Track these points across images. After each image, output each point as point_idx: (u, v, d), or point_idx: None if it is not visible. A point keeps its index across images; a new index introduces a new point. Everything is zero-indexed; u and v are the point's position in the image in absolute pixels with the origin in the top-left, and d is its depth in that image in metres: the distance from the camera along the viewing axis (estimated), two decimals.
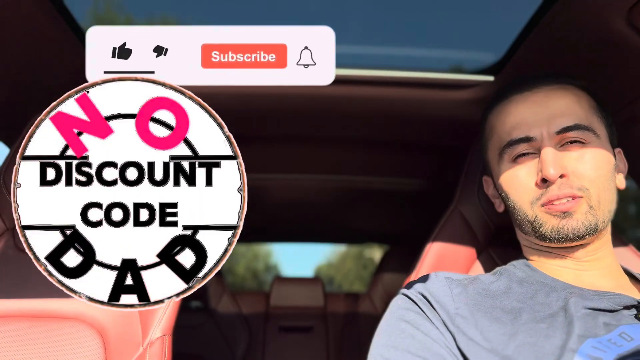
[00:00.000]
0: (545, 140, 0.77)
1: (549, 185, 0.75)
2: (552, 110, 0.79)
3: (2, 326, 0.92)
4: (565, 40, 0.94)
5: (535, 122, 0.79)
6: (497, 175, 0.85)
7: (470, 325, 0.68)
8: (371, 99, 1.25)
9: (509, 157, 0.81)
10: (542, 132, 0.78)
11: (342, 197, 2.06)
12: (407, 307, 0.75)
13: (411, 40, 1.26)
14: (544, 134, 0.78)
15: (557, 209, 0.75)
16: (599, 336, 0.65)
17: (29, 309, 0.95)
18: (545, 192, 0.76)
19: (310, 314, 2.54)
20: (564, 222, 0.74)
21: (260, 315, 2.51)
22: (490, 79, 1.18)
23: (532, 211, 0.78)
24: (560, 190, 0.74)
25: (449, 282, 0.76)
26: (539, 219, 0.77)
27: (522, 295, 0.74)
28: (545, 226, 0.76)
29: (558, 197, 0.75)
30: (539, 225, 0.77)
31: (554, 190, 0.75)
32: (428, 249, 1.02)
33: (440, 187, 1.75)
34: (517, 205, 0.80)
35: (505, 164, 0.82)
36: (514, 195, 0.81)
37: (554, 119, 0.78)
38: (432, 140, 1.46)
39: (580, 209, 0.74)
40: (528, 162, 0.79)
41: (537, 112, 0.80)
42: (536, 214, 0.77)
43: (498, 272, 0.82)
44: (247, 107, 1.29)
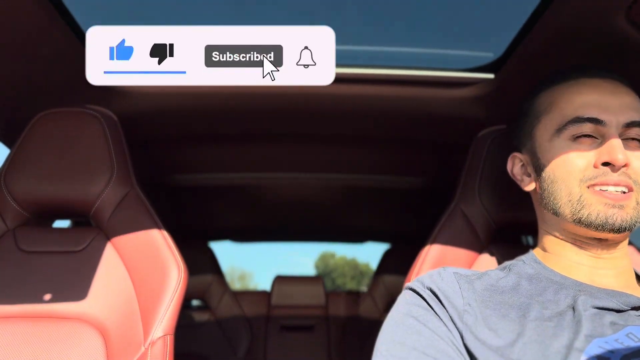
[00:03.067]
0: (613, 127, 0.76)
1: (608, 170, 0.74)
2: (623, 101, 0.78)
3: (4, 326, 0.92)
4: (565, 38, 0.94)
5: (608, 108, 0.77)
6: (546, 150, 0.81)
7: (479, 322, 0.68)
8: (371, 97, 1.25)
9: (568, 134, 0.78)
10: (613, 119, 0.76)
11: (343, 195, 2.07)
12: (415, 303, 0.74)
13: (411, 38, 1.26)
14: (614, 122, 0.76)
15: (611, 197, 0.73)
16: (606, 336, 0.64)
17: (31, 309, 0.95)
18: (602, 175, 0.74)
19: (311, 313, 2.54)
20: (615, 211, 0.73)
21: (262, 314, 2.51)
22: (491, 77, 1.18)
23: (579, 189, 0.75)
24: (620, 178, 0.73)
25: (458, 278, 0.75)
26: (584, 200, 0.75)
27: (531, 292, 0.73)
28: (589, 209, 0.74)
29: (616, 183, 0.73)
30: (581, 206, 0.75)
31: (612, 176, 0.73)
32: (429, 247, 1.02)
33: (441, 184, 1.75)
34: (563, 182, 0.77)
35: (562, 141, 0.79)
36: (562, 172, 0.78)
37: (625, 110, 0.77)
38: (432, 138, 1.46)
39: (631, 203, 0.74)
40: (589, 143, 0.77)
41: (610, 99, 0.78)
42: (582, 193, 0.75)
43: (507, 267, 0.81)
44: (248, 106, 1.29)
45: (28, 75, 1.08)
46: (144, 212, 1.05)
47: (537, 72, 1.04)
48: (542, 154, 0.82)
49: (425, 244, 1.03)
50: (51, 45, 1.01)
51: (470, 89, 1.22)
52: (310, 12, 1.19)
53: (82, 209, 1.05)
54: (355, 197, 2.10)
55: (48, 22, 0.94)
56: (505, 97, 1.17)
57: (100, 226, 1.06)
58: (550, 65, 1.02)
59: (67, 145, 1.04)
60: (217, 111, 1.32)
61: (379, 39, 1.28)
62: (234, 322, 2.41)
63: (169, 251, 1.00)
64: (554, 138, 0.80)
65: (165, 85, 1.23)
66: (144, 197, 1.07)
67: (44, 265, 1.00)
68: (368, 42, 1.28)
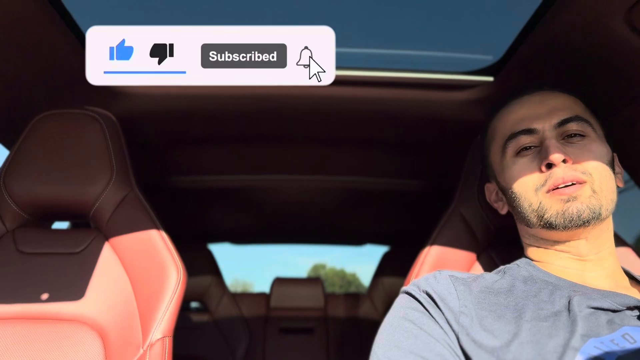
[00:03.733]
0: (547, 132, 0.81)
1: (553, 170, 0.77)
2: (551, 106, 0.84)
3: (3, 327, 0.92)
4: (564, 41, 0.94)
5: (536, 116, 0.83)
6: (500, 172, 0.87)
7: (475, 324, 0.69)
8: (371, 99, 1.25)
9: (511, 152, 0.84)
10: (544, 125, 0.82)
11: (343, 198, 2.06)
12: (411, 306, 0.75)
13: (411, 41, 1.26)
14: (546, 127, 0.82)
15: (563, 192, 0.76)
16: (602, 336, 0.65)
17: (29, 310, 0.95)
18: (550, 177, 0.77)
19: (310, 315, 2.54)
20: (569, 204, 0.75)
21: (261, 316, 2.51)
22: (490, 80, 1.18)
23: (537, 198, 0.79)
24: (565, 173, 0.76)
25: (453, 280, 0.76)
26: (543, 205, 0.78)
27: (526, 293, 0.74)
28: (550, 211, 0.77)
29: (563, 179, 0.76)
30: (543, 211, 0.78)
31: (558, 174, 0.77)
32: (428, 250, 1.02)
33: (440, 187, 1.75)
34: (521, 195, 0.81)
35: (508, 159, 0.85)
36: (518, 187, 0.82)
37: (553, 112, 0.83)
38: (431, 140, 1.46)
39: (585, 193, 0.76)
40: (530, 154, 0.82)
41: (537, 108, 0.85)
42: (540, 200, 0.78)
43: (501, 270, 0.83)
44: (247, 108, 1.29)
45: (27, 77, 1.08)
46: (143, 214, 1.05)
47: (536, 75, 1.05)
48: (500, 177, 0.88)
49: (424, 247, 1.03)
50: (51, 46, 1.01)
51: (470, 92, 1.22)
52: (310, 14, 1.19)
53: (81, 210, 1.05)
54: (355, 200, 2.10)
55: (47, 23, 0.94)
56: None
57: (100, 228, 1.06)
58: (550, 68, 1.02)
59: (66, 147, 1.04)
60: (217, 113, 1.32)
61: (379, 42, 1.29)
62: (232, 324, 2.41)
63: (168, 253, 1.00)
64: (502, 158, 0.86)
65: (164, 87, 1.24)
66: (143, 199, 1.07)
67: (42, 267, 0.99)
68: (368, 45, 1.28)
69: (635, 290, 0.79)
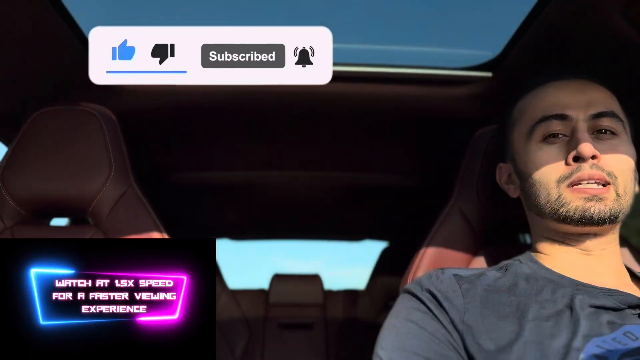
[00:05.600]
0: (580, 121, 0.78)
1: (580, 164, 0.75)
2: (589, 97, 0.80)
3: None
4: (563, 36, 0.94)
5: (572, 104, 0.79)
6: (522, 155, 0.83)
7: (479, 324, 0.68)
8: (369, 95, 1.25)
9: (538, 135, 0.80)
10: (579, 114, 0.78)
11: (340, 193, 2.06)
12: (413, 306, 0.74)
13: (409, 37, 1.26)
14: (580, 116, 0.78)
15: (587, 191, 0.74)
16: (604, 335, 0.64)
17: None
18: (576, 171, 0.75)
19: (309, 311, 2.54)
20: (592, 204, 0.73)
21: (260, 312, 2.51)
22: (489, 75, 1.18)
23: (557, 190, 0.76)
24: (592, 171, 0.74)
25: (458, 279, 0.75)
26: (563, 199, 0.75)
27: (529, 292, 0.73)
28: (568, 206, 0.75)
29: (590, 176, 0.74)
30: (560, 205, 0.75)
31: (585, 169, 0.74)
32: (427, 245, 1.01)
33: (439, 183, 1.75)
34: (541, 184, 0.78)
35: (533, 143, 0.81)
36: (539, 174, 0.79)
37: (591, 103, 0.79)
38: (430, 136, 1.46)
39: (610, 196, 0.74)
40: (559, 142, 0.79)
41: (575, 96, 0.80)
42: (560, 192, 0.76)
43: (504, 266, 0.81)
44: (246, 104, 1.29)
45: (26, 74, 1.08)
46: (141, 210, 1.05)
47: (535, 71, 1.05)
48: (519, 160, 0.84)
49: (423, 243, 1.03)
50: (49, 43, 1.01)
51: (469, 88, 1.22)
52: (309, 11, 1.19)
53: (80, 206, 1.05)
54: (353, 196, 2.10)
55: (46, 21, 0.94)
56: (504, 96, 1.17)
57: (98, 224, 1.05)
58: (548, 64, 1.02)
59: (65, 143, 1.04)
60: (215, 110, 1.32)
61: (377, 37, 1.28)
62: (231, 321, 2.40)
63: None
64: (527, 142, 0.82)
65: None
66: (142, 195, 1.07)
67: None
68: (366, 40, 1.28)
69: (636, 288, 0.78)
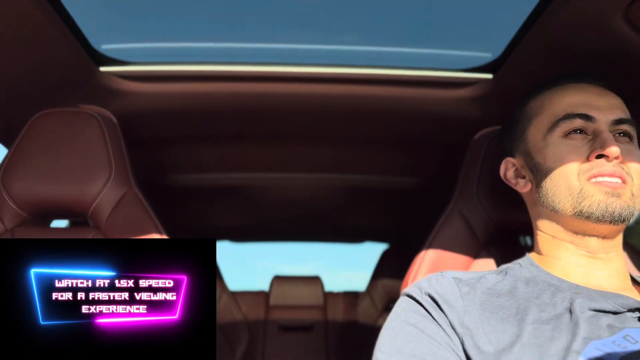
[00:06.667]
0: (603, 124, 0.80)
1: (603, 161, 0.77)
2: (610, 102, 0.83)
3: None
4: (563, 38, 0.94)
5: (596, 106, 0.82)
6: (540, 149, 0.84)
7: (478, 326, 0.68)
8: (370, 97, 1.25)
9: (560, 131, 0.82)
10: (602, 117, 0.81)
11: (341, 195, 2.06)
12: (413, 309, 0.74)
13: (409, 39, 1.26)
14: (603, 119, 0.81)
15: (609, 185, 0.76)
16: (603, 338, 0.65)
17: None
18: (597, 166, 0.77)
19: (309, 313, 2.54)
20: (613, 199, 0.75)
21: (260, 314, 2.51)
22: (489, 77, 1.18)
23: (579, 183, 0.77)
24: (614, 168, 0.76)
25: (458, 282, 0.75)
26: (585, 192, 0.76)
27: (528, 295, 0.73)
28: (590, 199, 0.76)
29: (612, 173, 0.76)
30: (582, 198, 0.76)
31: (607, 166, 0.76)
32: (427, 248, 1.01)
33: (439, 185, 1.75)
34: (562, 177, 0.80)
35: (555, 138, 0.83)
36: (559, 168, 0.80)
37: (613, 108, 0.82)
38: (430, 138, 1.46)
39: (627, 193, 0.76)
40: (579, 139, 0.81)
41: (597, 99, 0.83)
42: (583, 185, 0.77)
43: (503, 270, 0.81)
44: (245, 106, 1.29)
45: (26, 76, 1.08)
46: (142, 212, 1.05)
47: (535, 72, 1.05)
48: (537, 153, 0.85)
49: (424, 245, 1.03)
50: (49, 44, 1.01)
51: (469, 89, 1.22)
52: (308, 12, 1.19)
53: (80, 209, 1.05)
54: (354, 198, 2.10)
55: (46, 22, 0.94)
56: (504, 98, 1.17)
57: (98, 226, 1.06)
58: (549, 65, 1.02)
59: (65, 145, 1.04)
60: (215, 111, 1.32)
61: (377, 39, 1.28)
62: (232, 323, 2.40)
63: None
64: (547, 136, 0.83)
65: (162, 86, 1.24)
66: (142, 197, 1.07)
67: None
68: (366, 42, 1.28)
69: (636, 292, 0.78)
